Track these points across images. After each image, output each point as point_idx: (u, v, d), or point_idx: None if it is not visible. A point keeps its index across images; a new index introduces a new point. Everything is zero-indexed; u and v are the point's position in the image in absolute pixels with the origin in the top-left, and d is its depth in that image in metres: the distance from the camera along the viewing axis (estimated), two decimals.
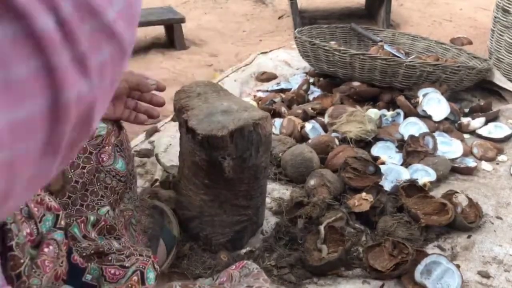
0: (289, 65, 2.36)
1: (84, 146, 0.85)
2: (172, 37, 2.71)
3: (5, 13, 0.24)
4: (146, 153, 1.66)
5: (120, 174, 0.94)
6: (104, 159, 0.89)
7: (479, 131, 1.71)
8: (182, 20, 2.68)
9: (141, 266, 0.70)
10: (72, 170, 0.82)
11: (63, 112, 0.27)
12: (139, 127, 1.86)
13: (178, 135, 1.78)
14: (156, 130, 1.82)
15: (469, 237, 1.25)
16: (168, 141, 1.71)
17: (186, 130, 1.08)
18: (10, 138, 0.24)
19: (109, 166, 0.88)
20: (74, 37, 0.27)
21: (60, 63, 0.26)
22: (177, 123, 1.87)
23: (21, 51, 0.25)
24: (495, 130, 1.71)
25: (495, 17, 2.06)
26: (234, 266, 0.85)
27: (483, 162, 1.57)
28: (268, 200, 1.39)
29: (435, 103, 1.71)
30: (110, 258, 0.70)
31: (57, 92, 0.27)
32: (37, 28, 0.25)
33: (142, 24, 2.71)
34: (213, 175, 1.11)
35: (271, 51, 2.52)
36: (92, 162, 0.84)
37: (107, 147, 0.91)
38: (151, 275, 0.71)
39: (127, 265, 0.71)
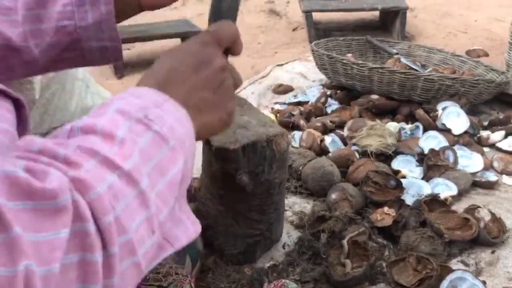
0: (305, 77, 2.37)
1: None
2: None
3: (80, 246, 0.36)
4: None
5: None
6: None
7: (499, 145, 1.71)
8: (199, 33, 2.71)
9: (179, 285, 0.71)
10: None
11: None
12: None
13: (196, 147, 1.81)
14: None
15: (493, 252, 1.25)
16: None
17: (205, 141, 1.11)
18: None
19: None
20: (112, 272, 0.38)
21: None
22: None
23: (71, 276, 0.35)
24: None
25: None
26: (272, 285, 0.86)
27: (504, 176, 1.57)
28: (289, 213, 1.40)
29: (454, 117, 1.71)
30: (147, 277, 0.72)
31: None
32: (92, 260, 0.37)
33: (160, 36, 2.75)
34: (227, 186, 1.13)
35: (287, 63, 2.54)
36: None
37: None
38: None
39: (164, 285, 0.73)
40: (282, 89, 2.20)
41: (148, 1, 0.73)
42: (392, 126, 1.67)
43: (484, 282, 1.11)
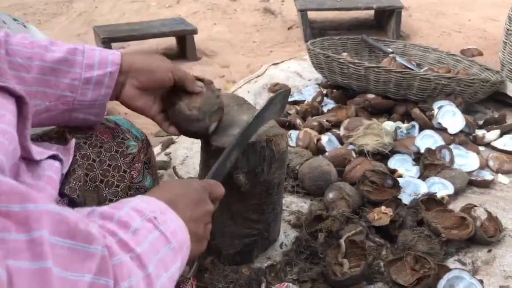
0: (300, 76, 2.37)
1: (118, 164, 0.86)
2: (183, 48, 2.73)
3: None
4: (163, 166, 1.67)
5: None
6: (134, 176, 0.90)
7: (494, 144, 1.72)
8: (194, 31, 2.70)
9: (180, 286, 0.71)
10: (107, 189, 0.83)
11: None
12: (154, 139, 1.87)
13: (194, 147, 1.81)
14: (171, 142, 1.83)
15: (489, 251, 1.25)
16: (184, 153, 1.73)
17: (205, 140, 1.10)
18: None
19: (138, 183, 0.89)
20: None
21: None
22: None
23: None
24: (510, 142, 1.71)
25: (507, 29, 2.08)
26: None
27: (499, 175, 1.58)
28: (286, 213, 1.40)
29: (450, 116, 1.72)
30: None
31: None
32: None
33: (155, 35, 2.74)
34: (226, 186, 1.12)
35: (282, 62, 2.53)
36: (126, 180, 0.85)
37: (136, 164, 0.91)
38: None
39: None
40: (278, 88, 2.19)
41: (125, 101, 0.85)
42: (389, 125, 1.67)
43: (481, 281, 1.12)
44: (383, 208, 1.32)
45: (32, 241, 0.36)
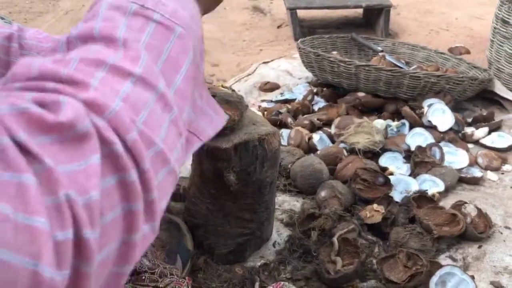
0: (291, 74, 2.37)
1: None
2: None
3: (114, 168, 0.34)
4: None
5: None
6: None
7: (483, 141, 1.74)
8: None
9: (176, 286, 0.70)
10: None
11: (130, 251, 0.35)
12: None
13: None
14: None
15: (479, 247, 1.27)
16: None
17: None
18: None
19: None
20: (150, 187, 0.36)
21: (137, 209, 0.35)
22: None
23: (115, 197, 0.34)
24: (498, 139, 1.74)
25: (494, 27, 2.10)
26: (271, 287, 0.85)
27: (488, 172, 1.60)
28: (278, 212, 1.40)
29: (439, 114, 1.74)
30: (143, 277, 0.71)
31: (129, 234, 0.35)
32: (129, 179, 0.34)
33: None
34: (218, 185, 1.13)
35: (272, 60, 2.53)
36: None
37: None
38: None
39: (161, 286, 0.72)
40: (268, 87, 2.19)
41: None
42: (379, 123, 1.68)
43: (472, 277, 1.13)
44: (375, 205, 1.33)
45: (2, 150, 0.30)
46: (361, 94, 1.86)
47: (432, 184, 1.46)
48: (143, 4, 0.40)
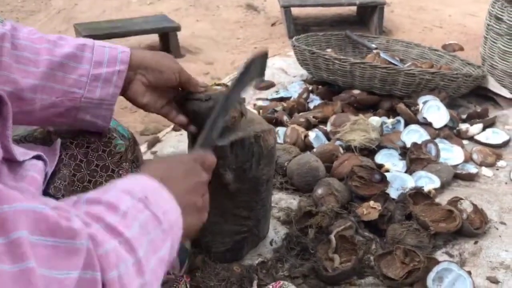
0: (286, 72, 2.37)
1: (106, 164, 0.85)
2: (167, 46, 2.71)
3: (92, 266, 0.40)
4: None
5: None
6: (122, 175, 0.89)
7: (477, 137, 1.75)
8: (178, 28, 2.68)
9: (174, 285, 0.70)
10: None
11: None
12: (140, 137, 1.85)
13: (180, 145, 1.79)
14: (157, 141, 1.81)
15: (476, 243, 1.28)
16: (171, 152, 1.71)
17: (191, 137, 1.10)
18: None
19: None
20: None
21: None
22: (178, 133, 1.87)
23: None
24: (493, 136, 1.75)
25: (488, 24, 2.11)
26: (271, 286, 0.85)
27: (483, 168, 1.60)
28: (275, 210, 1.40)
29: (434, 110, 1.74)
30: None
31: None
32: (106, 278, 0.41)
33: (137, 32, 2.70)
34: (214, 183, 1.12)
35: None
36: (114, 179, 0.84)
37: (124, 164, 0.90)
38: None
39: None
40: (263, 85, 2.19)
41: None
42: (374, 120, 1.68)
43: (469, 273, 1.14)
44: (371, 202, 1.34)
45: (10, 243, 0.35)
46: (356, 91, 1.86)
47: (428, 181, 1.47)
48: (146, 196, 0.51)
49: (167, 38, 2.68)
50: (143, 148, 1.77)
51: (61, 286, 0.36)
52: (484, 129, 1.78)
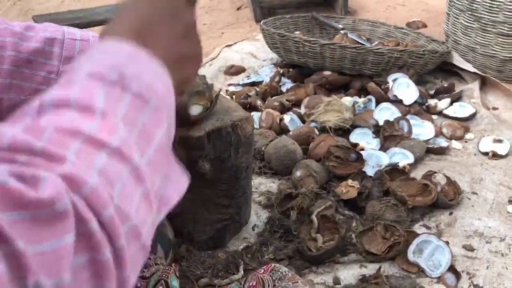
0: (255, 57, 2.36)
1: None
2: None
3: (87, 247, 0.34)
4: None
5: None
6: None
7: (446, 112, 1.80)
8: None
9: (163, 275, 0.70)
10: None
11: None
12: None
13: None
14: None
15: (450, 214, 1.32)
16: None
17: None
18: None
19: None
20: (123, 264, 0.36)
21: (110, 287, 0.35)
22: None
23: (85, 276, 0.34)
24: (460, 109, 1.80)
25: (450, 1, 2.16)
26: (262, 270, 0.86)
27: (453, 141, 1.66)
28: (256, 194, 1.41)
29: (404, 88, 1.78)
30: None
31: None
32: (101, 258, 0.34)
33: (101, 22, 2.62)
34: (194, 173, 1.11)
35: (235, 43, 2.51)
36: None
37: None
38: (175, 283, 0.71)
39: (147, 275, 0.71)
40: (234, 70, 2.18)
41: None
42: (347, 100, 1.71)
43: (447, 242, 1.18)
44: (349, 181, 1.36)
45: None
46: (327, 72, 1.88)
47: (402, 157, 1.50)
48: (122, 74, 0.40)
49: None
50: None
51: (58, 256, 0.31)
52: (451, 103, 1.83)
